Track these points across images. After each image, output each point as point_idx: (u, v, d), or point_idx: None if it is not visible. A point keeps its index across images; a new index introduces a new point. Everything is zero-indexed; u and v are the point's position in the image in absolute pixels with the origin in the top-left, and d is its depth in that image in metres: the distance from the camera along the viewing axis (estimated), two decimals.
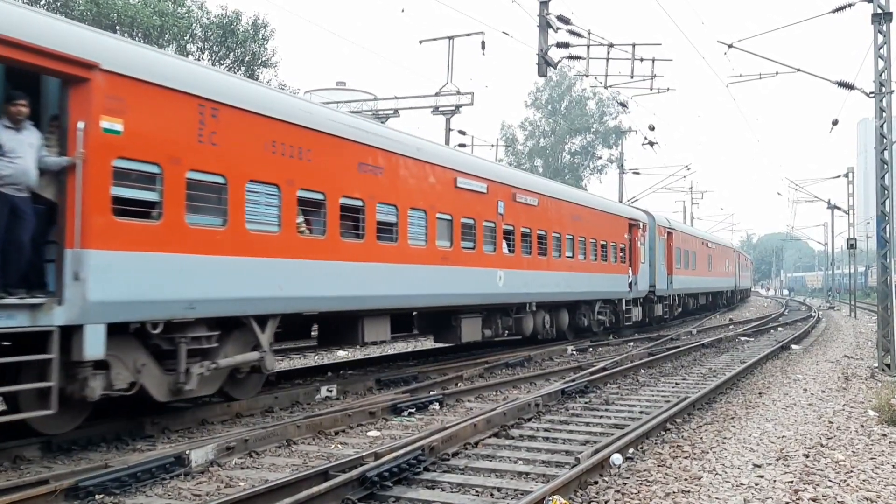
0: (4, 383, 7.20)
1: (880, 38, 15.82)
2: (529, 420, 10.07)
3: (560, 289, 19.30)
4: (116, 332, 7.98)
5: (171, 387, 8.90)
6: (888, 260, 16.10)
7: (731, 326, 30.34)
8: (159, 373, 8.78)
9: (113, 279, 7.75)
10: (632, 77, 21.48)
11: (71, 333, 7.49)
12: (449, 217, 14.10)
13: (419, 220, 13.22)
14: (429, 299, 13.65)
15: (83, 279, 7.44)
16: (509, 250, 16.54)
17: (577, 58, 20.16)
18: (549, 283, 18.64)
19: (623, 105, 34.13)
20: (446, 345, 17.82)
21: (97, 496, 6.50)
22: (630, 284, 24.65)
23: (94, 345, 7.57)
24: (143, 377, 8.56)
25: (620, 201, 41.28)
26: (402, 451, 7.34)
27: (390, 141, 12.76)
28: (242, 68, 35.56)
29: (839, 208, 48.52)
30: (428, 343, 21.20)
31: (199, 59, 34.71)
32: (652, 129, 34.00)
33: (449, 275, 14.05)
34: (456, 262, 14.24)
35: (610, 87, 22.53)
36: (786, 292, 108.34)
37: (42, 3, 30.79)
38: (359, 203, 11.66)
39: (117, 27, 31.17)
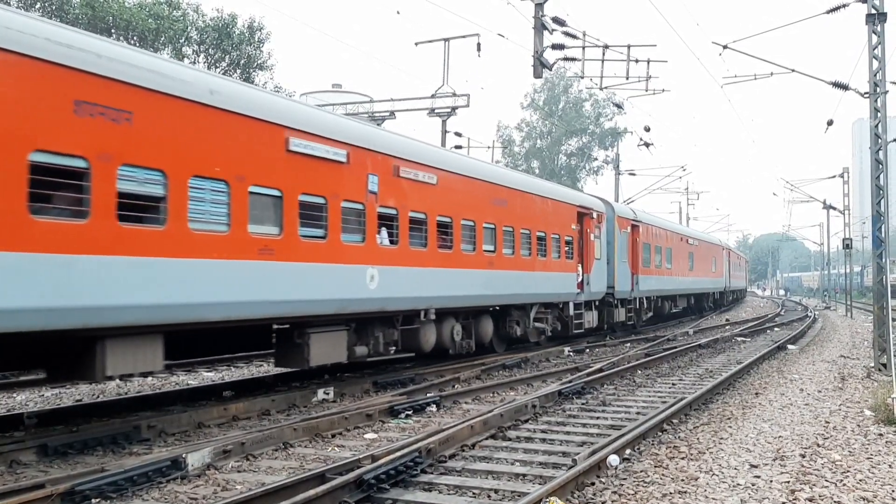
0: None
1: (875, 38, 15.85)
2: (526, 421, 10.07)
3: (475, 290, 15.48)
4: None
5: None
6: (884, 260, 16.13)
7: (727, 327, 30.36)
8: None
9: None
10: (627, 78, 21.54)
11: None
12: (277, 193, 10.21)
13: (216, 194, 9.28)
14: (232, 309, 9.62)
15: None
16: (390, 241, 12.74)
17: (573, 59, 20.19)
18: (458, 284, 14.83)
19: (619, 106, 34.12)
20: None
21: (94, 500, 6.49)
22: (580, 285, 20.80)
23: None
24: None
25: (616, 201, 40.32)
26: (399, 454, 7.34)
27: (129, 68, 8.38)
28: (238, 71, 35.55)
29: (835, 208, 48.62)
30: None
31: (194, 63, 34.70)
32: (647, 130, 34.07)
33: (274, 274, 10.16)
34: (289, 257, 10.41)
35: (605, 88, 22.57)
36: (782, 292, 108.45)
37: (37, 7, 30.76)
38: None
39: (112, 30, 31.15)
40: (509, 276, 16.77)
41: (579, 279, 20.71)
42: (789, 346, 21.26)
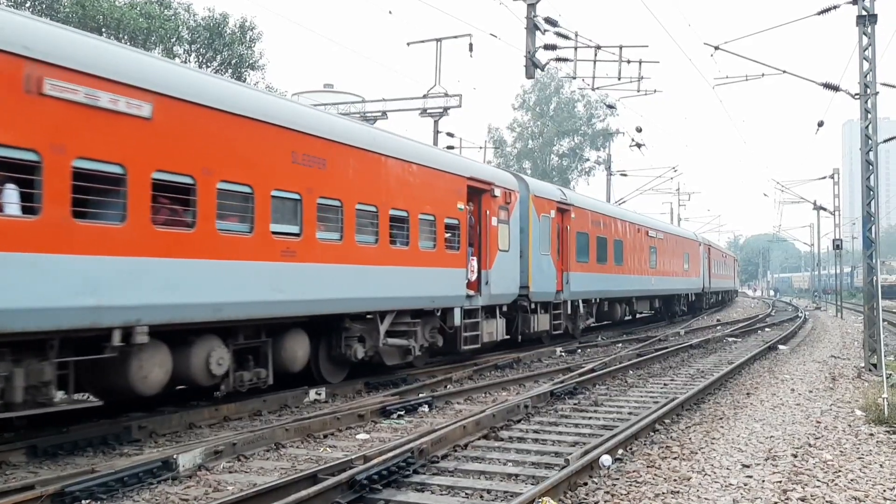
0: None
1: (865, 39, 15.92)
2: (519, 422, 10.07)
3: (254, 293, 10.16)
4: None
5: None
6: (874, 260, 16.20)
7: (718, 327, 30.44)
8: None
9: None
10: (619, 79, 21.52)
11: None
12: None
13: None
14: None
15: None
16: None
17: (565, 60, 20.19)
18: (208, 284, 9.46)
19: (611, 107, 34.21)
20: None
21: (84, 501, 6.44)
22: (474, 284, 15.72)
23: None
24: None
25: (608, 202, 39.61)
26: (391, 454, 7.32)
27: None
28: (230, 70, 35.44)
29: (825, 209, 48.80)
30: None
31: (185, 62, 34.59)
32: (639, 130, 34.15)
33: None
34: None
35: (597, 88, 22.58)
36: (772, 293, 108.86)
37: (27, 5, 30.59)
38: None
39: (103, 29, 31.00)
40: (333, 272, 11.44)
41: (472, 277, 15.61)
42: (780, 347, 21.33)
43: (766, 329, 29.76)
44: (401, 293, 13.31)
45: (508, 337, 18.28)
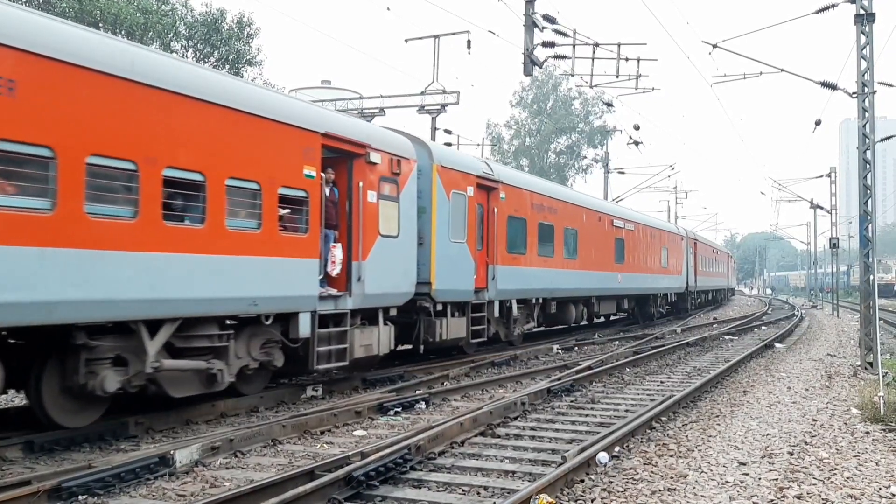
0: None
1: (863, 38, 15.93)
2: (516, 419, 10.08)
3: None
4: None
5: None
6: (870, 259, 16.23)
7: (714, 325, 30.48)
8: None
9: None
10: (617, 77, 21.57)
11: None
12: None
13: None
14: None
15: None
16: None
17: (563, 57, 20.20)
18: None
19: (608, 104, 34.18)
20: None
21: (80, 497, 6.44)
22: (339, 280, 11.85)
23: None
24: None
25: (605, 199, 38.64)
26: (388, 451, 7.33)
27: None
28: (227, 66, 35.38)
29: (822, 208, 48.89)
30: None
31: (183, 57, 34.49)
32: (637, 128, 34.10)
33: None
34: None
35: (595, 86, 22.61)
36: (768, 291, 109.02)
37: (23, 0, 30.50)
38: None
39: (100, 24, 30.93)
40: (31, 260, 7.33)
41: (335, 271, 11.68)
42: (777, 345, 21.37)
43: (763, 327, 29.79)
44: (187, 293, 9.01)
45: (409, 347, 15.17)
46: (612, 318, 30.59)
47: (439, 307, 14.65)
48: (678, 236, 35.71)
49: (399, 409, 10.67)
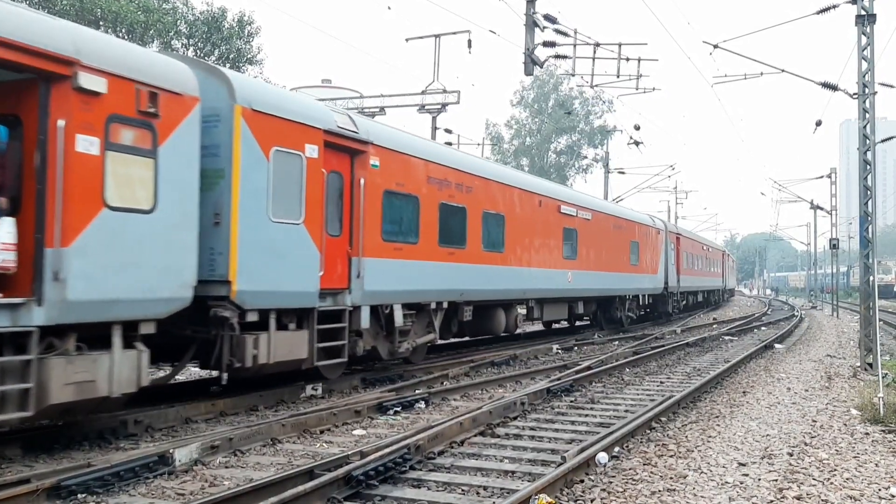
0: None
1: (864, 39, 15.93)
2: (515, 419, 10.07)
3: None
4: None
5: None
6: (870, 260, 16.23)
7: (714, 326, 30.48)
8: None
9: None
10: (618, 76, 21.55)
11: None
12: None
13: None
14: None
15: None
16: None
17: (564, 57, 20.19)
18: None
19: (609, 103, 34.19)
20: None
21: (80, 495, 6.43)
22: (24, 282, 7.49)
23: None
24: None
25: (605, 199, 37.46)
26: (387, 450, 7.32)
27: None
28: (228, 65, 35.38)
29: (822, 208, 48.92)
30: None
31: (184, 56, 34.44)
32: (637, 128, 34.14)
33: None
34: None
35: (596, 86, 22.60)
36: (768, 291, 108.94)
37: None
38: None
39: (101, 23, 30.92)
40: None
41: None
42: (776, 346, 21.37)
43: (763, 328, 29.80)
44: None
45: (213, 375, 10.95)
46: (576, 323, 26.88)
47: (252, 316, 10.06)
48: (654, 229, 30.43)
49: (398, 409, 10.67)
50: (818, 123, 27.99)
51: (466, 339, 22.00)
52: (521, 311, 19.93)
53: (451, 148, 18.21)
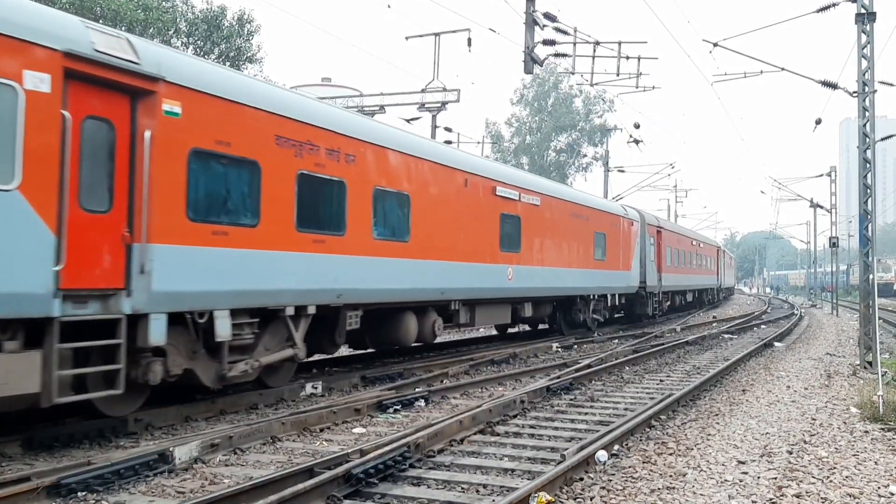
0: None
1: (864, 37, 15.93)
2: (515, 417, 10.08)
3: None
4: None
5: None
6: (870, 258, 16.24)
7: (714, 324, 30.49)
8: None
9: None
10: (618, 75, 21.56)
11: None
12: None
13: None
14: None
15: None
16: None
17: (564, 55, 20.19)
18: None
19: (609, 102, 34.18)
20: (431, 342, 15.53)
21: (80, 493, 6.44)
22: None
23: None
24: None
25: (605, 197, 35.79)
26: (387, 448, 7.33)
27: None
28: (227, 63, 35.38)
29: (822, 207, 48.93)
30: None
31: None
32: (637, 127, 34.17)
33: None
34: None
35: (596, 84, 22.59)
36: (768, 290, 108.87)
37: None
38: None
39: (100, 21, 30.91)
40: None
41: None
42: (776, 344, 21.38)
43: (762, 326, 29.81)
44: None
45: None
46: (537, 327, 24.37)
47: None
48: (625, 220, 26.54)
49: (398, 407, 10.68)
50: (818, 122, 28.01)
51: (465, 337, 21.80)
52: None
53: (322, 101, 12.98)
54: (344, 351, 17.37)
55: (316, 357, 14.63)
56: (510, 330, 23.78)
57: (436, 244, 14.50)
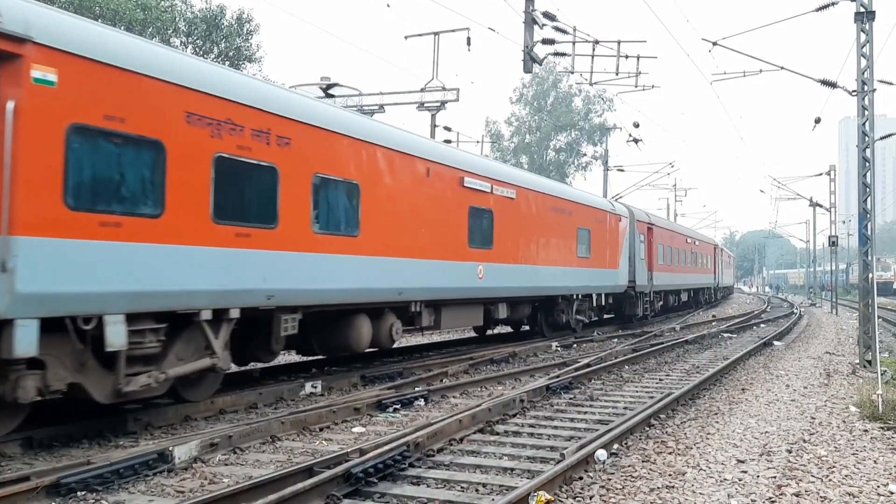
0: None
1: (863, 36, 15.93)
2: (514, 416, 10.08)
3: None
4: None
5: None
6: (869, 257, 16.24)
7: (713, 323, 30.49)
8: None
9: None
10: (617, 74, 21.61)
11: None
12: None
13: None
14: None
15: None
16: None
17: (563, 54, 20.21)
18: None
19: (608, 101, 34.19)
20: (431, 341, 16.00)
21: (79, 493, 6.44)
22: None
23: None
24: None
25: (605, 196, 33.41)
26: (387, 448, 7.33)
27: None
28: (227, 63, 35.37)
29: (821, 206, 48.96)
30: (413, 339, 21.21)
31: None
32: (636, 126, 34.17)
33: None
34: None
35: (595, 83, 22.62)
36: (768, 289, 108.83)
37: None
38: None
39: (100, 20, 30.90)
40: None
41: None
42: (775, 343, 21.39)
43: (762, 325, 29.82)
44: None
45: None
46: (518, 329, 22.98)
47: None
48: (613, 216, 25.22)
49: (398, 406, 10.68)
50: (817, 121, 28.04)
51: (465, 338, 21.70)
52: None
53: (243, 73, 11.67)
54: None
55: (313, 357, 14.63)
56: (488, 332, 22.65)
57: (392, 239, 13.10)
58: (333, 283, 11.59)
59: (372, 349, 13.92)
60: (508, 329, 23.53)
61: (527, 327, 22.31)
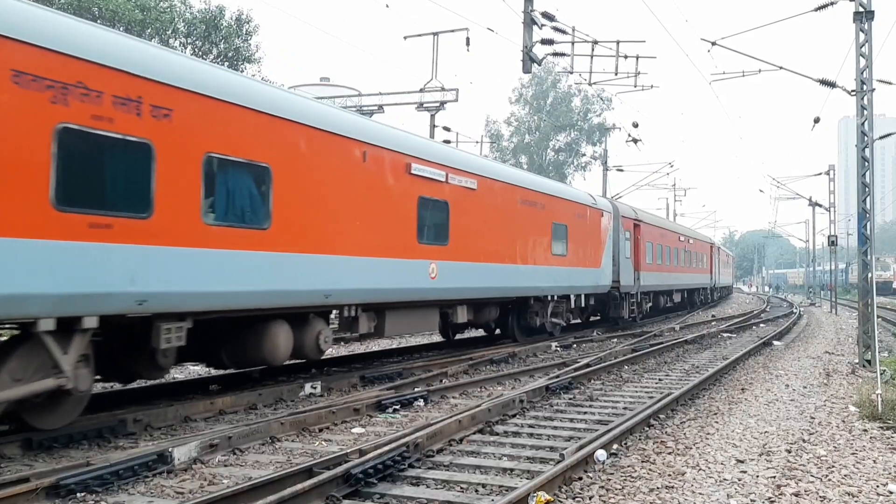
0: None
1: (862, 36, 15.94)
2: (514, 416, 10.08)
3: None
4: None
5: None
6: (869, 256, 16.25)
7: (713, 323, 30.49)
8: None
9: None
10: (616, 74, 21.61)
11: None
12: None
13: None
14: None
15: None
16: None
17: (562, 54, 20.22)
18: None
19: (607, 101, 34.20)
20: (431, 341, 15.64)
21: (79, 494, 6.43)
22: None
23: None
24: None
25: (604, 196, 31.92)
26: (386, 448, 7.33)
27: None
28: (226, 63, 35.36)
29: (820, 205, 48.99)
30: (413, 339, 21.20)
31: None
32: (636, 126, 34.14)
33: None
34: None
35: (594, 83, 22.62)
36: (767, 288, 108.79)
37: None
38: None
39: (98, 21, 30.88)
40: None
41: None
42: (775, 343, 21.39)
43: (761, 325, 29.82)
44: None
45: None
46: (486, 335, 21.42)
47: None
48: (594, 210, 23.22)
49: (397, 407, 10.67)
50: (816, 120, 28.04)
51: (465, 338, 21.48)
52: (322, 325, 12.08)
53: (97, 26, 8.77)
54: (333, 352, 17.37)
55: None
56: (458, 336, 20.67)
57: (315, 234, 11.11)
58: (234, 285, 9.61)
59: (296, 360, 12.23)
60: (480, 332, 21.75)
61: (498, 331, 20.73)
